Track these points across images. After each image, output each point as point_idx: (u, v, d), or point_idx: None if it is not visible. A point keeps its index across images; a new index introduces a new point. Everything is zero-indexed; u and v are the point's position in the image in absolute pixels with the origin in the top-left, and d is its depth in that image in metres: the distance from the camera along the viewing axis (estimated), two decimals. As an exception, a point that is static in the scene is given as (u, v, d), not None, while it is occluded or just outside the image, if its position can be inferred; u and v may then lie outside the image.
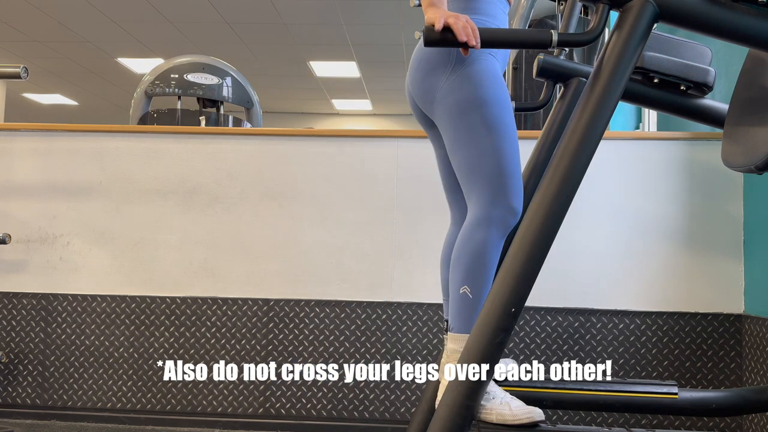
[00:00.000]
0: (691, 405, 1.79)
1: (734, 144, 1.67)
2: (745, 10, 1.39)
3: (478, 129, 1.60)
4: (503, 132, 1.61)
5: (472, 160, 1.61)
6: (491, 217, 1.58)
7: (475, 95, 1.61)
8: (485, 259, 1.57)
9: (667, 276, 2.61)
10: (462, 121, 1.62)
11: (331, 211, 2.75)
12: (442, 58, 1.65)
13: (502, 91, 1.64)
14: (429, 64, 1.68)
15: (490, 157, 1.60)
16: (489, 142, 1.60)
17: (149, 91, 4.13)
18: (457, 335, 1.58)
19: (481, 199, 1.60)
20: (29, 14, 6.83)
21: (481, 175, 1.60)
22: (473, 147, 1.61)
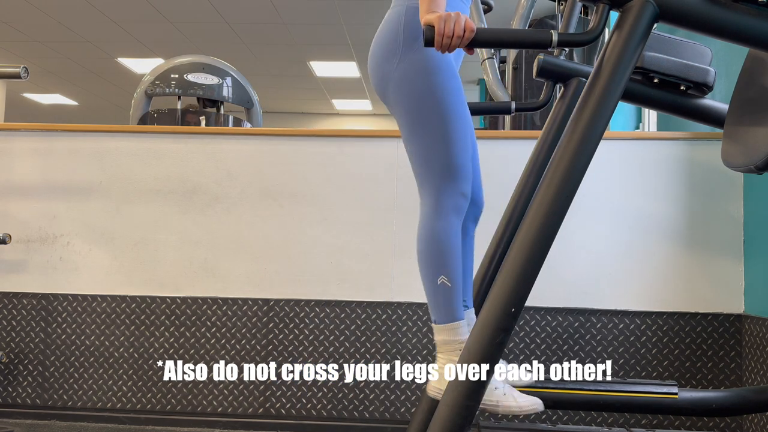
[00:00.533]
0: (691, 405, 1.79)
1: (734, 144, 1.67)
2: (745, 10, 1.39)
3: (429, 119, 1.61)
4: (453, 121, 1.62)
5: (423, 151, 1.63)
6: (446, 206, 1.61)
7: (424, 85, 1.61)
8: (451, 246, 1.60)
9: (667, 276, 2.61)
10: (412, 112, 1.63)
11: (331, 211, 2.75)
12: (391, 47, 1.65)
13: (451, 77, 1.64)
14: (380, 52, 1.68)
15: (441, 148, 1.61)
16: (440, 133, 1.61)
17: (149, 91, 4.13)
18: (445, 326, 1.60)
19: (433, 189, 1.62)
20: (29, 14, 6.83)
21: (433, 166, 1.62)
22: (425, 138, 1.62)
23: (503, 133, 2.95)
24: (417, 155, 1.64)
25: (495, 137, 2.78)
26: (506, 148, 2.72)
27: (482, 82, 7.86)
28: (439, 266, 1.60)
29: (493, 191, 2.67)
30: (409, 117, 1.64)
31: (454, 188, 1.62)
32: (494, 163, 2.70)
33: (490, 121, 5.39)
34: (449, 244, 1.60)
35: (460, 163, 1.62)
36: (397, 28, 1.65)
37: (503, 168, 2.68)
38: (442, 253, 1.60)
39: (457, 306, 1.61)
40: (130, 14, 6.82)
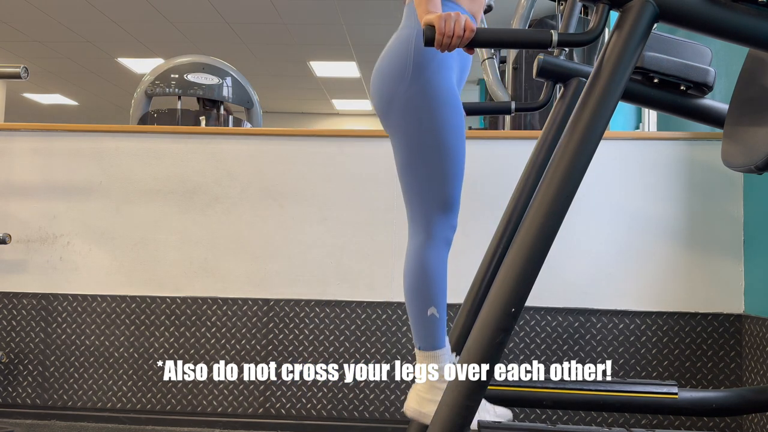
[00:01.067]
0: (691, 405, 1.79)
1: (734, 144, 1.67)
2: (745, 10, 1.39)
3: (429, 155, 1.60)
4: (452, 158, 1.61)
5: (419, 184, 1.62)
6: (438, 238, 1.63)
7: (428, 119, 1.59)
8: (442, 278, 1.62)
9: (666, 276, 2.61)
10: (412, 145, 1.61)
11: (331, 211, 2.75)
12: (399, 70, 1.62)
13: (456, 113, 1.62)
14: (388, 73, 1.65)
15: (438, 183, 1.61)
16: (438, 169, 1.60)
17: (149, 91, 4.13)
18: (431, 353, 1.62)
19: (426, 222, 1.62)
20: (29, 14, 6.83)
21: (428, 199, 1.61)
22: (422, 172, 1.61)
23: (503, 133, 2.95)
24: (412, 187, 1.63)
25: (495, 137, 2.78)
26: (506, 148, 2.72)
27: (482, 82, 7.86)
28: (430, 298, 1.61)
29: (493, 191, 2.67)
30: (408, 149, 1.62)
31: (447, 221, 1.63)
32: (494, 163, 2.70)
33: (490, 121, 5.39)
34: (440, 276, 1.61)
35: (454, 197, 1.63)
36: (407, 51, 1.62)
37: (503, 168, 2.68)
38: (433, 285, 1.61)
39: (443, 334, 1.63)
40: (130, 14, 6.82)
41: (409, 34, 1.64)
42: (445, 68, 1.62)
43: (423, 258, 1.61)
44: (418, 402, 1.63)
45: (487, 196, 2.68)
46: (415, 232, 1.65)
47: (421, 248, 1.62)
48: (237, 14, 6.75)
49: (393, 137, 1.67)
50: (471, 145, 2.71)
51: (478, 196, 2.68)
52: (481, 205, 2.68)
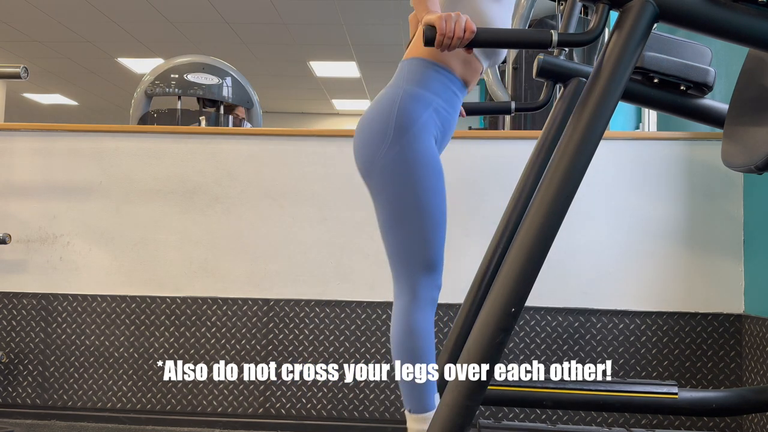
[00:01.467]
0: (691, 405, 1.79)
1: (734, 144, 1.67)
2: (745, 10, 1.39)
3: (410, 218, 1.58)
4: (435, 220, 1.60)
5: (402, 244, 1.60)
6: (423, 299, 1.60)
7: (409, 183, 1.58)
8: (429, 339, 1.60)
9: (666, 276, 2.61)
10: (393, 207, 1.60)
11: (331, 211, 2.75)
12: (381, 131, 1.60)
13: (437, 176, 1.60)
14: (369, 133, 1.63)
15: (421, 244, 1.59)
16: (419, 231, 1.59)
17: (149, 91, 4.13)
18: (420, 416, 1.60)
19: (410, 282, 1.61)
20: (29, 14, 6.83)
21: (410, 261, 1.60)
22: (403, 234, 1.60)
23: (503, 133, 2.95)
24: (394, 248, 1.62)
25: (495, 137, 2.78)
26: (506, 148, 2.72)
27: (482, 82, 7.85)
28: (417, 359, 1.59)
29: (493, 191, 2.67)
30: (389, 211, 1.61)
31: (432, 281, 1.61)
32: (494, 163, 2.70)
33: (490, 121, 5.39)
34: (427, 337, 1.60)
35: (437, 258, 1.61)
36: (390, 111, 1.59)
37: (503, 168, 2.68)
38: (420, 346, 1.59)
39: (433, 395, 1.61)
40: (130, 14, 6.82)
41: (395, 93, 1.62)
42: (426, 132, 1.60)
43: (409, 320, 1.60)
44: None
45: (487, 196, 2.68)
46: (400, 293, 1.63)
47: (406, 310, 1.60)
48: (237, 14, 6.75)
49: (374, 199, 1.65)
50: (471, 145, 2.71)
51: (478, 195, 2.68)
52: (481, 205, 2.68)
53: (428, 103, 1.60)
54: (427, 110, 1.60)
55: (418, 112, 1.59)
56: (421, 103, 1.59)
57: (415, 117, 1.58)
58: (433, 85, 1.63)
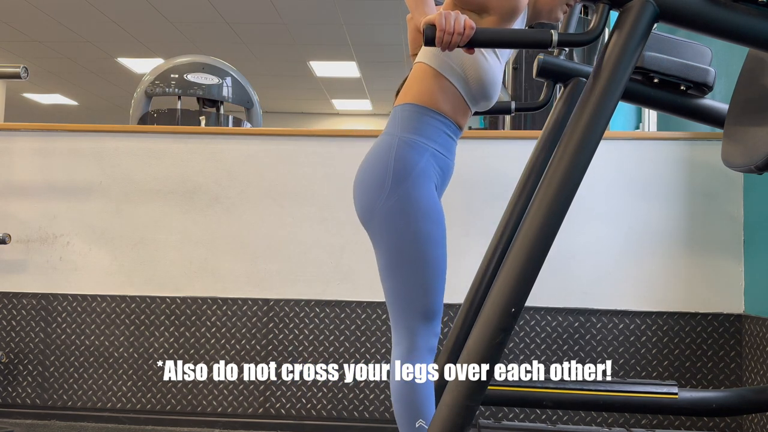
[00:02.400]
0: (691, 405, 1.79)
1: (734, 144, 1.67)
2: (745, 10, 1.39)
3: (410, 267, 1.58)
4: (434, 270, 1.59)
5: (401, 292, 1.60)
6: (420, 347, 1.59)
7: (408, 231, 1.57)
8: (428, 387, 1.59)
9: (667, 276, 2.61)
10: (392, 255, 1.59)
11: (331, 211, 2.75)
12: (379, 180, 1.59)
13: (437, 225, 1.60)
14: (368, 182, 1.63)
15: (419, 293, 1.58)
16: (419, 281, 1.58)
17: (149, 91, 4.13)
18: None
19: (408, 330, 1.60)
20: (29, 14, 6.83)
21: (409, 308, 1.59)
22: (403, 282, 1.59)
23: (503, 133, 2.95)
24: (393, 295, 1.61)
25: (495, 137, 2.78)
26: (506, 148, 2.72)
27: (482, 82, 7.84)
28: (417, 410, 1.58)
29: (493, 191, 2.67)
30: (388, 259, 1.60)
31: (430, 330, 1.60)
32: (494, 163, 2.70)
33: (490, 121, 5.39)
34: (426, 386, 1.59)
35: (436, 307, 1.60)
36: (387, 160, 1.59)
37: (503, 168, 2.68)
38: (419, 396, 1.58)
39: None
40: (130, 14, 6.82)
41: (391, 141, 1.61)
42: (425, 178, 1.59)
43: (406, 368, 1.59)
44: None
45: (487, 196, 2.68)
46: (398, 341, 1.62)
47: (405, 359, 1.60)
48: (237, 14, 6.75)
49: (374, 244, 1.65)
50: (471, 145, 2.71)
51: (478, 196, 2.68)
52: (481, 205, 2.68)
53: (424, 149, 1.60)
54: (424, 156, 1.59)
55: (414, 159, 1.58)
56: (417, 150, 1.59)
57: (413, 164, 1.58)
58: (427, 131, 1.62)
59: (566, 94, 2.01)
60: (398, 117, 1.65)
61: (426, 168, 1.59)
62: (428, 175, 1.61)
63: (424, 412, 1.59)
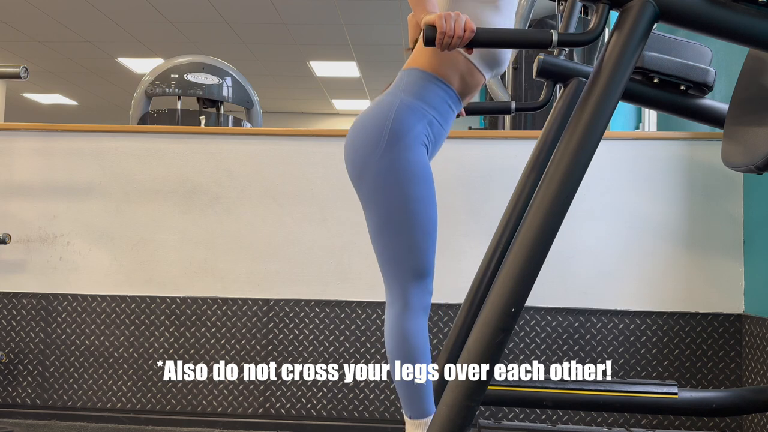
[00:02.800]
0: (691, 405, 1.79)
1: (734, 144, 1.67)
2: (745, 10, 1.39)
3: (399, 227, 1.59)
4: (424, 229, 1.60)
5: (392, 252, 1.60)
6: (415, 305, 1.60)
7: (399, 193, 1.58)
8: (423, 344, 1.60)
9: (666, 276, 2.61)
10: (382, 216, 1.60)
11: (331, 211, 2.75)
12: (373, 138, 1.60)
13: (427, 187, 1.61)
14: (361, 140, 1.63)
15: (409, 252, 1.59)
16: (411, 239, 1.59)
17: (149, 91, 4.13)
18: (420, 421, 1.61)
19: (401, 289, 1.61)
20: (29, 14, 6.83)
21: (401, 268, 1.60)
22: (393, 242, 1.60)
23: (503, 133, 2.95)
24: (384, 256, 1.62)
25: (495, 137, 2.78)
26: (506, 148, 2.72)
27: (482, 82, 7.85)
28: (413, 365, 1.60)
29: (493, 191, 2.67)
30: (379, 219, 1.61)
31: (422, 288, 1.61)
32: (494, 163, 2.70)
33: (490, 121, 5.39)
34: (421, 343, 1.60)
35: (427, 265, 1.61)
36: (385, 119, 1.60)
37: (503, 168, 2.68)
38: (415, 353, 1.59)
39: (430, 401, 1.62)
40: (130, 14, 6.82)
41: (392, 101, 1.62)
42: (418, 142, 1.60)
43: (402, 327, 1.60)
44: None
45: (487, 196, 2.68)
46: (392, 301, 1.63)
47: (399, 318, 1.61)
48: (237, 14, 6.75)
49: (364, 205, 1.65)
50: (471, 145, 2.71)
51: (478, 195, 2.68)
52: (481, 205, 2.68)
53: (423, 114, 1.61)
54: (422, 122, 1.60)
55: (412, 122, 1.59)
56: (417, 115, 1.60)
57: (410, 127, 1.59)
58: (430, 98, 1.63)
59: (566, 94, 2.01)
60: (404, 80, 1.66)
61: (421, 134, 1.61)
62: (422, 141, 1.62)
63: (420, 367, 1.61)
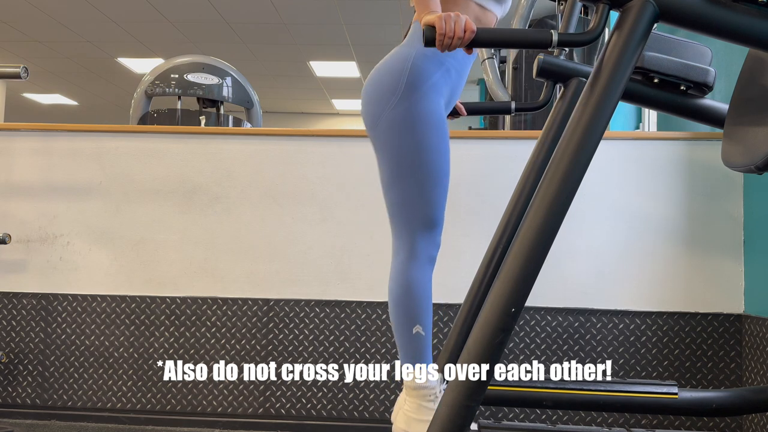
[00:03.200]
0: (691, 405, 1.79)
1: (734, 144, 1.67)
2: (745, 10, 1.39)
3: (412, 175, 1.60)
4: (436, 179, 1.61)
5: (403, 200, 1.62)
6: (422, 256, 1.61)
7: (413, 140, 1.59)
8: (426, 296, 1.61)
9: (666, 276, 2.61)
10: (395, 163, 1.61)
11: (331, 211, 2.75)
12: (391, 86, 1.61)
13: (441, 136, 1.62)
14: (379, 87, 1.65)
15: (422, 201, 1.60)
16: (421, 188, 1.60)
17: (149, 91, 4.13)
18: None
19: (409, 239, 1.62)
20: (29, 14, 6.83)
21: (410, 217, 1.61)
22: (405, 190, 1.61)
23: (503, 133, 2.95)
24: (394, 204, 1.63)
25: (495, 137, 2.78)
26: (506, 148, 2.72)
27: (482, 82, 7.86)
28: (415, 316, 1.60)
29: (493, 191, 2.67)
30: (392, 167, 1.62)
31: (430, 238, 1.62)
32: (494, 163, 2.70)
33: (490, 121, 5.40)
34: (424, 294, 1.61)
35: (437, 216, 1.62)
36: (402, 68, 1.62)
37: (503, 168, 2.68)
38: (418, 303, 1.60)
39: (429, 353, 1.63)
40: (130, 14, 6.82)
41: (409, 52, 1.64)
42: (436, 92, 1.62)
43: (407, 276, 1.61)
44: (406, 422, 1.62)
45: (487, 196, 2.68)
46: (398, 250, 1.64)
47: (404, 266, 1.62)
48: (237, 14, 6.75)
49: (378, 153, 1.66)
50: (471, 145, 2.71)
51: (478, 196, 2.68)
52: (481, 205, 2.68)
53: (440, 62, 1.62)
54: (440, 70, 1.62)
55: (430, 71, 1.60)
56: (434, 63, 1.61)
57: (427, 76, 1.60)
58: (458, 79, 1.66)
59: (566, 94, 2.01)
60: (418, 30, 1.67)
61: (439, 82, 1.62)
62: (440, 89, 1.63)
63: (422, 319, 1.61)
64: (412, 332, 1.60)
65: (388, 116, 1.61)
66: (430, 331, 1.62)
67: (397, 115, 1.60)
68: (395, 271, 1.63)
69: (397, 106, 1.60)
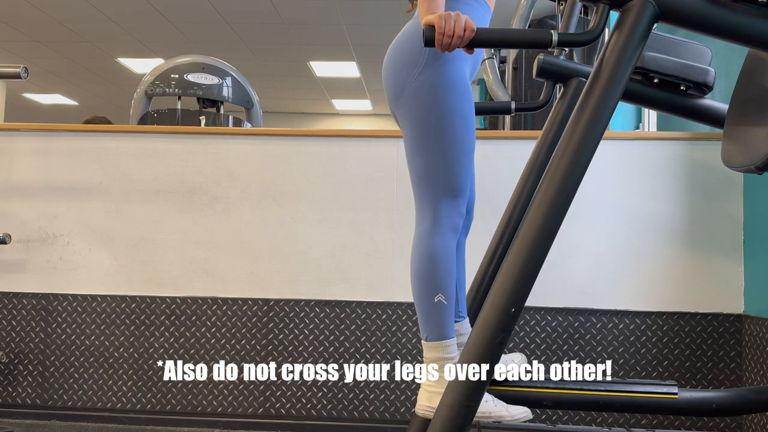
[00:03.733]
0: (691, 405, 1.79)
1: (734, 144, 1.67)
2: (745, 10, 1.39)
3: (437, 141, 1.60)
4: (462, 145, 1.61)
5: (426, 169, 1.62)
6: (444, 224, 1.61)
7: (437, 106, 1.60)
8: (449, 264, 1.59)
9: (666, 276, 2.61)
10: (420, 130, 1.61)
11: (331, 211, 2.75)
12: (413, 56, 1.63)
13: (467, 101, 1.62)
14: (400, 59, 1.66)
15: (447, 169, 1.60)
16: (445, 155, 1.60)
17: (149, 91, 4.13)
18: (437, 343, 1.60)
19: (432, 207, 1.61)
20: (29, 14, 6.83)
21: (434, 185, 1.61)
22: (430, 157, 1.61)
23: (503, 133, 2.95)
24: (419, 172, 1.63)
25: (495, 137, 2.78)
26: (506, 148, 2.72)
27: (482, 82, 7.86)
28: (436, 285, 1.59)
29: (493, 191, 2.67)
30: (417, 134, 1.62)
31: (454, 207, 1.61)
32: (494, 163, 2.70)
33: (490, 121, 5.39)
34: (447, 262, 1.59)
35: (462, 184, 1.62)
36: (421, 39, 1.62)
37: (503, 168, 2.68)
38: (440, 271, 1.59)
39: (450, 324, 1.61)
40: (130, 14, 6.82)
41: None
42: (460, 58, 1.62)
43: (429, 244, 1.60)
44: (428, 398, 1.60)
45: (487, 196, 2.68)
46: (421, 218, 1.64)
47: (427, 234, 1.61)
48: (237, 14, 6.75)
49: (402, 122, 1.67)
50: (471, 145, 2.71)
51: (479, 195, 2.68)
52: (481, 205, 2.68)
53: None
54: None
55: None
56: None
57: None
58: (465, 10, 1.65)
59: (566, 94, 2.01)
60: None
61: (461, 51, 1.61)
62: (463, 56, 1.64)
63: (444, 287, 1.59)
64: (434, 300, 1.58)
65: (413, 84, 1.62)
66: (453, 302, 1.60)
67: (422, 81, 1.61)
68: (418, 240, 1.62)
69: (421, 74, 1.61)
